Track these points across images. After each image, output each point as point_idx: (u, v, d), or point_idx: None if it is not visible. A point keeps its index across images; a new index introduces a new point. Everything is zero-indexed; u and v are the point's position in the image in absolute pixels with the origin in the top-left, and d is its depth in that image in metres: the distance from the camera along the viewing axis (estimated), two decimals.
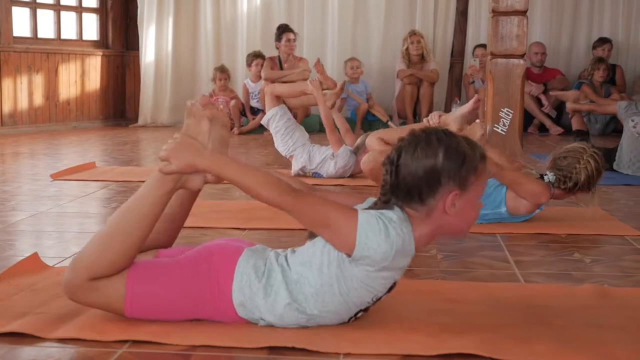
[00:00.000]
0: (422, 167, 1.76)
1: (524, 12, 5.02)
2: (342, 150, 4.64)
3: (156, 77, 9.20)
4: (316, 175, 4.71)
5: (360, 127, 8.27)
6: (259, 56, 8.42)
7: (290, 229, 3.08)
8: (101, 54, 9.07)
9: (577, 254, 2.84)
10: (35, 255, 2.51)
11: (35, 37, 8.34)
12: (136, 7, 9.20)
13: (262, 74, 8.24)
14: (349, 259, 1.79)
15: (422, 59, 8.56)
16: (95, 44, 9.15)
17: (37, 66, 8.18)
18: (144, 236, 1.88)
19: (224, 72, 8.44)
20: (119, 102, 9.41)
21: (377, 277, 1.81)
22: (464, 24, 9.20)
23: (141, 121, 9.20)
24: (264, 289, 1.85)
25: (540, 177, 3.28)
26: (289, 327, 1.87)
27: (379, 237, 1.76)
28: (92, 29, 9.17)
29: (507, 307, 2.11)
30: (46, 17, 8.57)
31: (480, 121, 3.34)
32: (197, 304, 1.87)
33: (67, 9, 8.80)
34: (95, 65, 9.00)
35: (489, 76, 5.18)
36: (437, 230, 1.83)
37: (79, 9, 8.96)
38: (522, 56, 5.09)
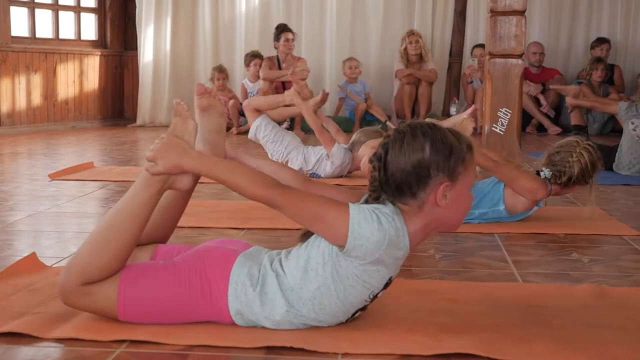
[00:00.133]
0: (410, 162, 1.76)
1: (522, 12, 5.02)
2: (336, 148, 4.63)
3: (154, 77, 9.20)
4: (314, 175, 4.71)
5: (358, 127, 8.27)
6: (257, 56, 8.42)
7: (288, 229, 3.08)
8: (99, 53, 9.07)
9: (576, 253, 2.84)
10: (33, 255, 2.51)
11: (33, 37, 8.33)
12: (134, 7, 9.19)
13: (261, 73, 8.24)
14: (343, 252, 1.78)
15: (421, 58, 8.56)
16: (93, 44, 9.14)
17: (35, 66, 8.17)
18: (136, 237, 1.87)
19: (222, 72, 8.44)
20: (117, 102, 9.40)
21: (373, 272, 1.80)
22: (462, 23, 9.20)
23: (139, 121, 9.20)
24: (259, 297, 1.84)
25: (537, 174, 3.29)
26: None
27: (372, 225, 1.75)
28: (90, 28, 9.17)
29: (505, 307, 2.11)
30: (44, 17, 8.56)
31: (469, 117, 3.33)
32: (190, 310, 1.87)
33: (65, 8, 8.80)
34: (93, 65, 8.99)
35: (487, 76, 5.18)
36: (430, 224, 1.82)
37: (77, 9, 8.96)
38: (520, 56, 5.09)
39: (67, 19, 8.84)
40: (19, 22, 8.17)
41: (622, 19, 9.05)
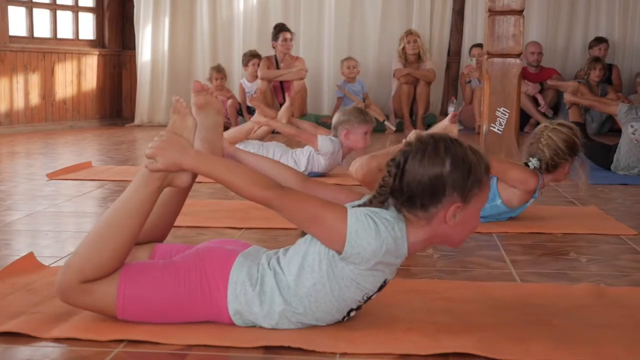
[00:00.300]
0: (428, 175, 1.74)
1: (520, 12, 5.01)
2: (321, 140, 4.62)
3: (152, 77, 9.20)
4: (313, 174, 4.71)
5: None
6: (256, 56, 8.41)
7: (287, 228, 3.08)
8: (97, 53, 9.06)
9: (573, 253, 2.84)
10: (31, 254, 2.51)
11: (31, 37, 8.32)
12: (132, 6, 9.19)
13: (259, 73, 8.24)
14: (339, 257, 1.78)
15: (419, 58, 8.57)
16: (91, 44, 9.14)
17: (33, 65, 8.17)
18: (134, 235, 1.87)
19: (220, 71, 8.44)
20: (115, 102, 9.40)
21: (368, 276, 1.81)
22: (460, 23, 9.21)
23: (137, 121, 9.20)
24: (259, 296, 1.84)
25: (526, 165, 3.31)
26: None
27: (369, 234, 1.75)
28: (88, 28, 9.16)
29: (503, 307, 2.11)
30: (42, 17, 8.56)
31: (451, 123, 3.34)
32: (189, 310, 1.86)
33: (64, 8, 8.79)
34: (91, 64, 8.99)
35: (485, 76, 5.18)
36: (433, 238, 1.82)
37: (75, 8, 8.95)
38: (518, 56, 5.08)
39: (65, 19, 8.83)
40: (17, 21, 8.17)
41: (620, 18, 9.05)
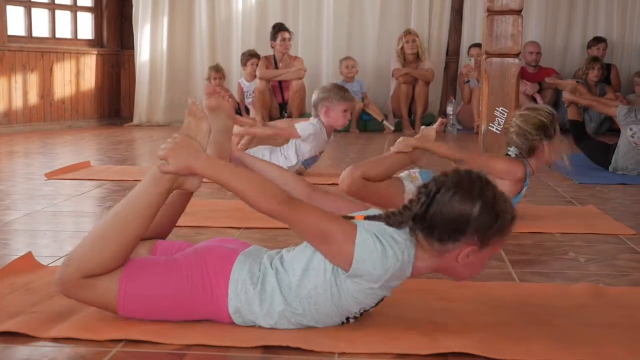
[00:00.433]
0: (455, 212, 1.73)
1: (519, 12, 5.01)
2: (299, 127, 4.60)
3: (151, 76, 9.19)
4: (306, 163, 4.70)
5: (355, 126, 8.28)
6: (254, 55, 8.41)
7: (285, 228, 3.07)
8: (96, 53, 9.06)
9: (572, 253, 2.84)
10: (29, 254, 2.50)
11: (29, 36, 8.32)
12: (131, 6, 9.18)
13: (257, 72, 8.24)
14: (345, 274, 1.80)
15: (417, 58, 8.57)
16: (90, 43, 9.13)
17: (31, 65, 8.16)
18: (139, 234, 1.87)
19: (218, 71, 8.42)
20: (113, 101, 9.40)
21: (368, 294, 1.83)
22: (459, 23, 9.21)
23: (136, 120, 9.19)
24: (259, 295, 1.84)
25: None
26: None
27: (375, 260, 1.76)
28: (87, 27, 9.16)
29: (502, 306, 2.11)
30: (41, 16, 8.56)
31: (434, 129, 3.33)
32: (190, 307, 1.86)
33: (62, 7, 8.79)
34: (90, 64, 8.98)
35: (484, 75, 5.18)
36: (438, 267, 1.84)
37: (74, 8, 8.95)
38: (517, 55, 5.07)
39: (63, 18, 8.83)
40: (15, 21, 8.16)
41: (618, 18, 9.06)
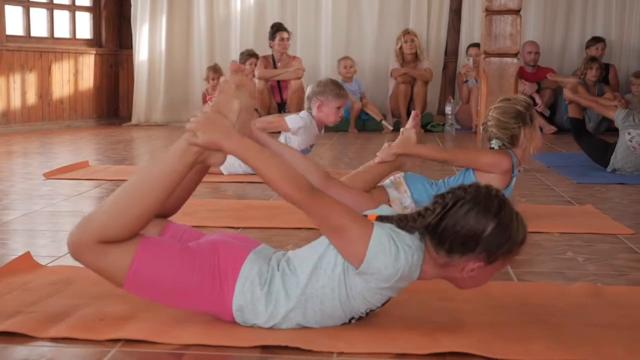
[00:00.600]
0: (468, 228, 1.75)
1: (517, 11, 5.01)
2: (288, 120, 4.54)
3: (149, 76, 9.19)
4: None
5: (354, 126, 8.28)
6: (253, 55, 8.40)
7: (284, 228, 3.08)
8: (94, 52, 9.05)
9: (570, 252, 2.84)
10: (27, 254, 2.50)
11: (28, 36, 8.31)
12: (129, 5, 9.18)
13: (256, 72, 8.23)
14: (354, 271, 1.80)
15: (416, 57, 8.57)
16: (88, 43, 9.13)
17: (30, 65, 8.16)
18: (159, 204, 1.85)
19: (217, 71, 8.41)
20: (112, 101, 9.39)
21: (376, 293, 1.83)
22: (457, 22, 9.21)
23: (134, 120, 9.19)
24: (265, 297, 1.84)
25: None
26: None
27: (388, 259, 1.77)
28: (85, 27, 9.15)
29: (501, 306, 2.11)
30: (39, 16, 8.55)
31: (412, 127, 3.31)
32: (195, 298, 1.86)
33: (60, 7, 8.78)
34: (88, 64, 8.98)
35: (482, 75, 5.18)
36: (443, 276, 1.85)
37: (72, 8, 8.94)
38: (515, 55, 5.08)
39: (62, 18, 8.82)
40: (13, 20, 8.16)
41: (616, 18, 9.06)
